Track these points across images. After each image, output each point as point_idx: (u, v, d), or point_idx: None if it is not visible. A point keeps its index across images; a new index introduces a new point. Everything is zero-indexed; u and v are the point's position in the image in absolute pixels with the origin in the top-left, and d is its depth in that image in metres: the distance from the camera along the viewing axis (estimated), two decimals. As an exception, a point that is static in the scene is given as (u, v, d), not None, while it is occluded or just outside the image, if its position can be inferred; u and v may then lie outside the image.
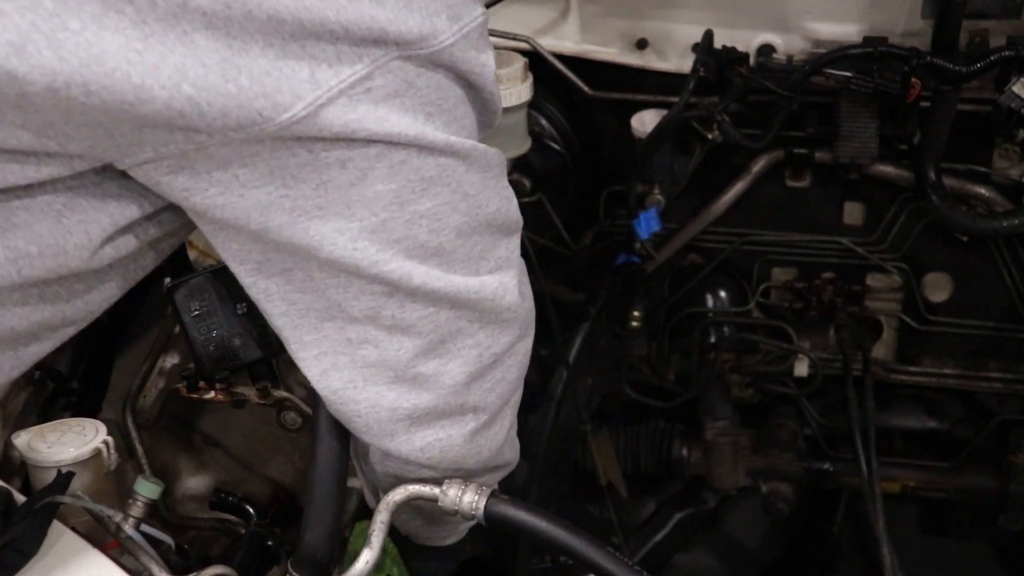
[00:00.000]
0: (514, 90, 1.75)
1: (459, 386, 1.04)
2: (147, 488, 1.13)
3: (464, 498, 1.09)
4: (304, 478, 1.63)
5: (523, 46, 1.85)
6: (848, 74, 1.63)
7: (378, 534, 1.09)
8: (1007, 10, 1.57)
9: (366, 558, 1.07)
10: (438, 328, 1.00)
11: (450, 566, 1.35)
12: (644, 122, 1.84)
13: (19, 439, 1.21)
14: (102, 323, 1.12)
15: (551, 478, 1.98)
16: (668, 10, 1.81)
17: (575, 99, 1.92)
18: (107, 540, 1.11)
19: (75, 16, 0.77)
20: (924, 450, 2.09)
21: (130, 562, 1.09)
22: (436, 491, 1.10)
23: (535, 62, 1.84)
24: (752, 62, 1.75)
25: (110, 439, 1.21)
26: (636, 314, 2.07)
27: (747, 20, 1.76)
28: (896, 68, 1.61)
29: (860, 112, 1.74)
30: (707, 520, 2.24)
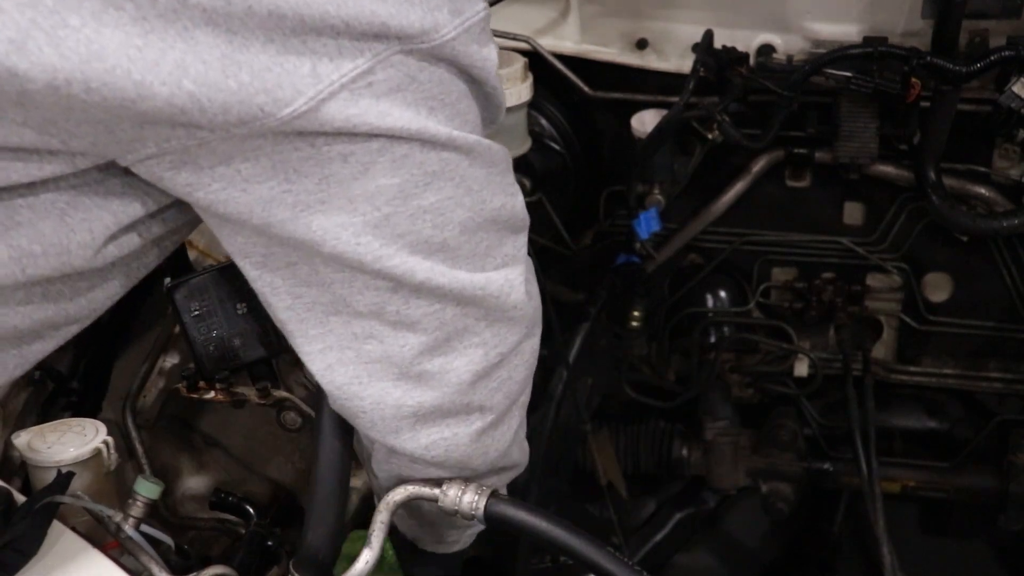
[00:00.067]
0: (514, 90, 1.75)
1: (465, 385, 1.03)
2: (147, 488, 1.13)
3: (464, 498, 1.09)
4: (304, 478, 1.64)
5: (523, 46, 1.85)
6: (848, 74, 1.63)
7: (378, 534, 1.09)
8: (1007, 10, 1.57)
9: (366, 558, 1.07)
10: (443, 325, 0.99)
11: (452, 573, 1.35)
12: (644, 122, 1.84)
13: (19, 439, 1.21)
14: (102, 323, 1.12)
15: (551, 478, 1.97)
16: (668, 10, 1.81)
17: (575, 99, 1.92)
18: (107, 540, 1.11)
19: (75, 13, 0.76)
20: (924, 450, 2.09)
21: (130, 562, 1.09)
22: (436, 491, 1.10)
23: (535, 62, 1.84)
24: (752, 62, 1.75)
25: (110, 439, 1.21)
26: (636, 314, 2.07)
27: (747, 20, 1.76)
28: (896, 68, 1.61)
29: (860, 112, 1.74)
30: (707, 520, 2.24)
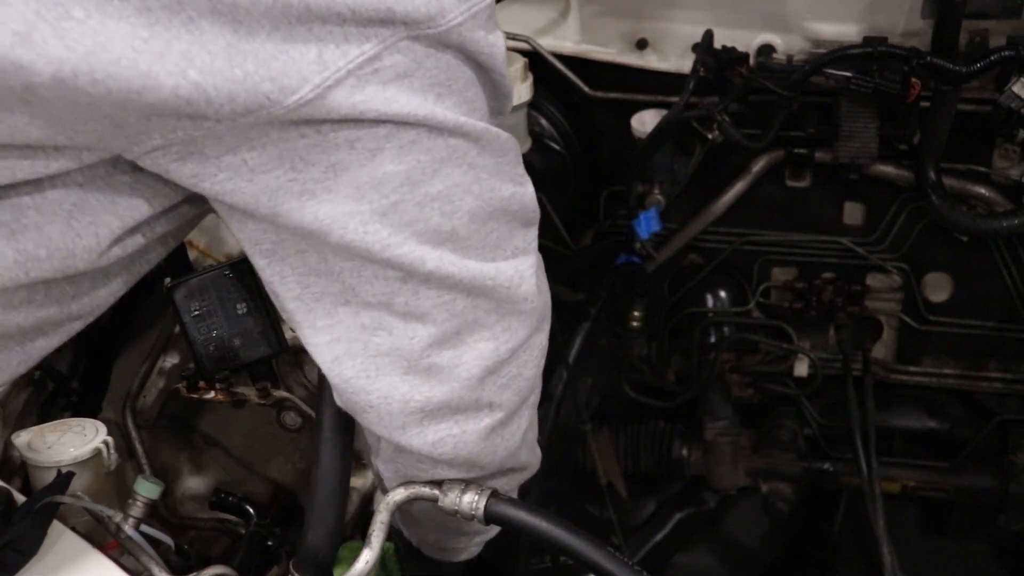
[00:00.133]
0: (514, 90, 1.75)
1: (474, 379, 1.02)
2: (147, 488, 1.13)
3: (464, 499, 1.08)
4: (304, 478, 1.64)
5: (523, 46, 1.85)
6: (848, 74, 1.63)
7: (378, 534, 1.09)
8: (1007, 10, 1.57)
9: (366, 558, 1.07)
10: (453, 317, 0.98)
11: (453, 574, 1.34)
12: (644, 122, 1.84)
13: (19, 439, 1.21)
14: (102, 323, 1.12)
15: (551, 478, 1.97)
16: (668, 10, 1.81)
17: (575, 99, 1.92)
18: (107, 540, 1.11)
19: (79, 5, 0.76)
20: (924, 450, 2.09)
21: (130, 562, 1.09)
22: (436, 491, 1.10)
23: (535, 62, 1.84)
24: (752, 62, 1.76)
25: (110, 439, 1.21)
26: (636, 314, 2.07)
27: (747, 20, 1.76)
28: (896, 68, 1.61)
29: (860, 112, 1.74)
30: (707, 520, 2.24)
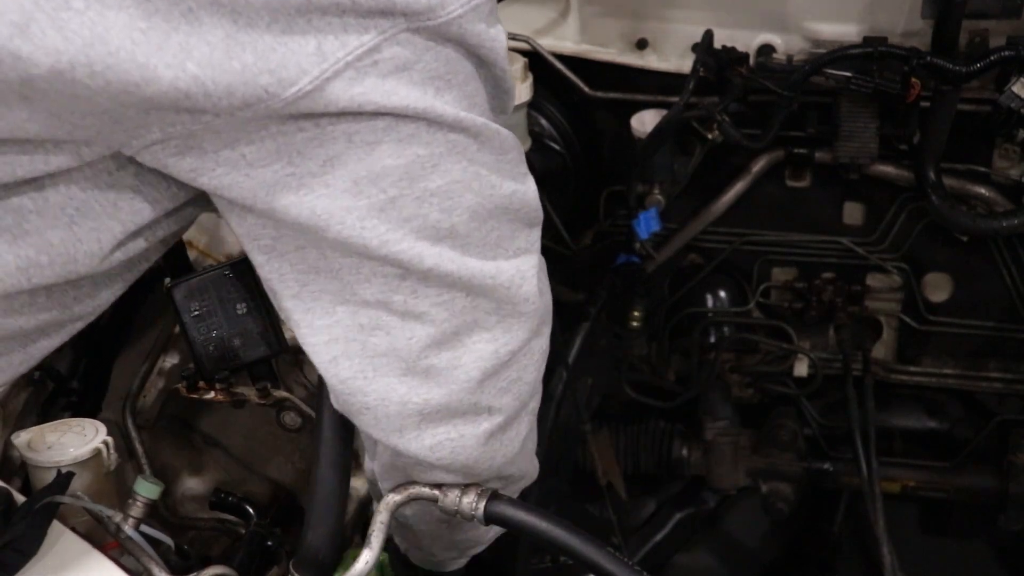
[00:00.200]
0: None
1: (473, 382, 1.00)
2: (147, 488, 1.13)
3: (464, 499, 1.08)
4: (304, 478, 1.64)
5: (523, 46, 1.85)
6: (848, 74, 1.63)
7: (378, 535, 1.08)
8: (1007, 10, 1.57)
9: (366, 558, 1.07)
10: (452, 317, 0.97)
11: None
12: (644, 122, 1.84)
13: (19, 439, 1.21)
14: (102, 323, 1.12)
15: (551, 478, 1.97)
16: (668, 10, 1.81)
17: (575, 99, 1.92)
18: (107, 540, 1.11)
19: None
20: (924, 450, 2.09)
21: (130, 562, 1.09)
22: (436, 492, 1.09)
23: (535, 62, 1.84)
24: (752, 62, 1.75)
25: (110, 439, 1.21)
26: (636, 314, 2.07)
27: (747, 20, 1.76)
28: (896, 68, 1.61)
29: (860, 112, 1.74)
30: (707, 520, 2.24)
